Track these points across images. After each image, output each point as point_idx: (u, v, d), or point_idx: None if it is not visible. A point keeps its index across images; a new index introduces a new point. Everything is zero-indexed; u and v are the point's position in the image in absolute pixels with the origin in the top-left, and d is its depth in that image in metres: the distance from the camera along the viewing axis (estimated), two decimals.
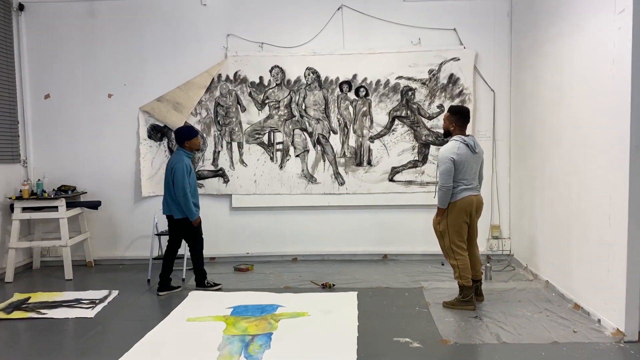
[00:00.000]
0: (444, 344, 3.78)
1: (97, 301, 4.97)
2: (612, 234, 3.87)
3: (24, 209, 5.90)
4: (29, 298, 5.11)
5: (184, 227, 5.16)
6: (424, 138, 6.21)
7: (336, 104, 6.26)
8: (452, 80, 6.14)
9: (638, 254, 3.68)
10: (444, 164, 4.33)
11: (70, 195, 6.13)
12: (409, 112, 6.20)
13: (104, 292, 5.25)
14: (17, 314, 4.63)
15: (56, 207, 5.88)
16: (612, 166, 3.85)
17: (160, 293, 5.17)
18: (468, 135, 4.46)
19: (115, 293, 5.23)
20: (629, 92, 3.62)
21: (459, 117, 4.45)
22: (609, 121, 3.92)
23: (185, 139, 5.10)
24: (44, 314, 4.65)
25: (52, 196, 5.97)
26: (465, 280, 4.45)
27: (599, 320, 4.08)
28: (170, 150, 6.35)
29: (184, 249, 5.80)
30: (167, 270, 5.20)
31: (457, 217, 4.41)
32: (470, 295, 4.48)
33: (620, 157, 3.74)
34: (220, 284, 5.36)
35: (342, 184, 6.31)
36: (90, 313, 4.65)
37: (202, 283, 5.30)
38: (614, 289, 3.87)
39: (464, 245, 4.50)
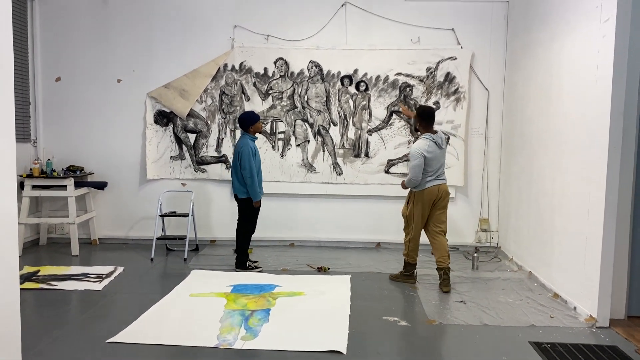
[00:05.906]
0: (430, 324, 4.07)
1: (103, 276, 5.24)
2: (589, 227, 4.17)
3: (34, 187, 6.13)
4: (38, 271, 5.36)
5: (244, 206, 5.48)
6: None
7: (337, 97, 6.50)
8: (449, 78, 6.39)
9: (611, 247, 3.99)
10: (415, 159, 4.82)
11: (78, 175, 6.36)
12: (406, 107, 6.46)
13: (110, 268, 5.51)
14: (28, 285, 4.89)
15: (65, 186, 6.12)
16: (592, 164, 4.14)
17: (238, 269, 5.53)
18: (436, 133, 4.95)
19: (120, 269, 5.49)
20: (609, 96, 3.91)
21: (424, 118, 4.97)
22: (590, 123, 4.20)
23: (249, 124, 5.39)
24: (54, 285, 4.91)
25: (61, 175, 6.21)
26: (411, 259, 5.15)
27: (574, 308, 4.39)
28: (176, 136, 6.58)
29: (185, 230, 6.11)
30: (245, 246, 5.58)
31: (421, 206, 4.97)
32: (412, 271, 5.19)
33: (599, 156, 4.03)
34: (261, 266, 5.62)
35: (340, 174, 6.57)
36: (97, 286, 4.91)
37: (244, 264, 5.55)
38: (589, 279, 4.17)
39: (421, 230, 5.08)
